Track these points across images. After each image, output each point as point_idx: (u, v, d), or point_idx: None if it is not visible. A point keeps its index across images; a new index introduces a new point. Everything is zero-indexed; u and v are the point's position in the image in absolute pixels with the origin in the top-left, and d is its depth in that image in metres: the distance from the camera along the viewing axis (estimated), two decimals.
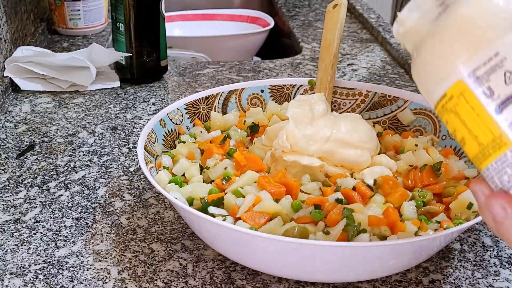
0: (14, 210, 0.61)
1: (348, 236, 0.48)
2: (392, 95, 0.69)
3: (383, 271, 0.50)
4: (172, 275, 0.52)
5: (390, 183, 0.55)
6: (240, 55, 1.32)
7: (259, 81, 0.71)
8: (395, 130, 0.68)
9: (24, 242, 0.56)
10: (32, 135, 0.77)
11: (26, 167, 0.69)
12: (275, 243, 0.45)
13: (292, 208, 0.52)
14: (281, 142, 0.57)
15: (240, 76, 0.97)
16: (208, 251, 0.55)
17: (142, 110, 0.84)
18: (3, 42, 0.91)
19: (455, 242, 0.57)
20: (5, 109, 0.84)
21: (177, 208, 0.53)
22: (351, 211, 0.49)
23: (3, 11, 0.92)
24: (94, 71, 0.89)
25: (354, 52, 1.10)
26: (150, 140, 0.59)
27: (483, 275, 0.52)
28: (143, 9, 0.88)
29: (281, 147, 0.57)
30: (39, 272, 0.52)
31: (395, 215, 0.50)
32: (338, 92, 0.71)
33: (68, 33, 1.16)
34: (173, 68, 1.00)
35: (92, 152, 0.73)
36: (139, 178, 0.67)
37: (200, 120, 0.68)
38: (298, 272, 0.49)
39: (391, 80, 0.96)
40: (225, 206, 0.52)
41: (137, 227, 0.58)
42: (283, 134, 0.57)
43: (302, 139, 0.57)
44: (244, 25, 1.44)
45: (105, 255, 0.54)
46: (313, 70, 1.00)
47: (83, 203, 0.62)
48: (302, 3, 1.45)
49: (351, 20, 1.30)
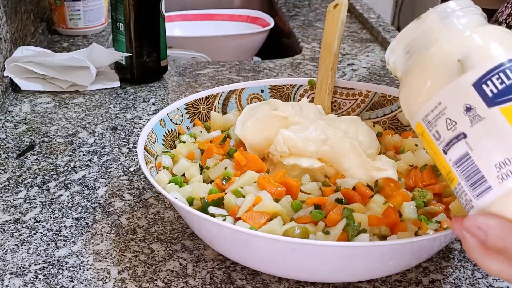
0: (14, 210, 0.61)
1: (348, 236, 0.48)
2: (392, 95, 0.69)
3: (383, 271, 0.50)
4: (172, 275, 0.52)
5: (391, 185, 0.55)
6: (240, 55, 1.32)
7: (259, 81, 0.71)
8: (395, 130, 0.68)
9: (24, 242, 0.56)
10: (32, 135, 0.77)
11: (26, 167, 0.69)
12: (275, 243, 0.45)
13: (292, 208, 0.52)
14: (279, 148, 0.57)
15: (240, 76, 0.97)
16: (208, 251, 0.55)
17: (142, 110, 0.84)
18: (3, 42, 0.91)
19: (455, 242, 0.57)
20: (5, 109, 0.84)
21: (177, 208, 0.53)
22: (351, 211, 0.49)
23: (3, 11, 0.92)
24: (94, 71, 0.90)
25: (354, 52, 1.10)
26: (150, 140, 0.59)
27: (483, 275, 0.52)
28: (143, 9, 0.88)
29: (279, 153, 0.57)
30: (39, 272, 0.52)
31: (395, 215, 0.50)
32: (338, 92, 0.71)
33: (68, 33, 1.16)
34: (173, 68, 1.01)
35: (92, 152, 0.73)
36: (139, 178, 0.67)
37: (200, 120, 0.68)
38: (298, 272, 0.49)
39: (391, 80, 0.96)
40: (225, 206, 0.52)
41: (137, 227, 0.58)
42: (279, 139, 0.57)
43: (299, 140, 0.57)
44: (244, 25, 1.44)
45: (105, 255, 0.54)
46: (313, 70, 1.00)
47: (83, 203, 0.62)
48: (302, 3, 1.45)
49: (351, 20, 1.30)
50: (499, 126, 0.35)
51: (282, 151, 0.57)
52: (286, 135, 0.57)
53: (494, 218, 0.35)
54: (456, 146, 0.37)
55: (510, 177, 0.35)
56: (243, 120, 0.63)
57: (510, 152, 0.35)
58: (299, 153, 0.57)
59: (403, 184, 0.56)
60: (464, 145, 0.37)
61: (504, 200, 0.35)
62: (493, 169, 0.35)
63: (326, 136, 0.57)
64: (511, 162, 0.35)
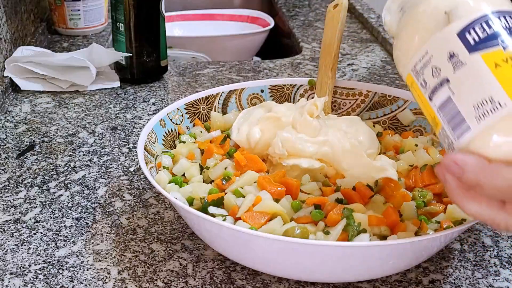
0: (14, 210, 0.61)
1: (348, 236, 0.48)
2: (392, 95, 0.69)
3: (383, 271, 0.50)
4: (172, 275, 0.52)
5: (391, 185, 0.55)
6: (240, 55, 1.32)
7: (259, 81, 0.71)
8: (395, 130, 0.68)
9: (24, 242, 0.56)
10: (32, 135, 0.77)
11: (26, 167, 0.69)
12: (275, 243, 0.45)
13: (292, 208, 0.52)
14: (278, 150, 0.57)
15: (240, 76, 0.97)
16: (208, 251, 0.55)
17: (142, 110, 0.84)
18: (3, 42, 0.91)
19: (455, 242, 0.57)
20: (5, 109, 0.84)
21: (177, 208, 0.53)
22: (351, 211, 0.49)
23: (3, 11, 0.92)
24: (94, 71, 0.90)
25: (354, 52, 1.10)
26: (150, 140, 0.59)
27: (483, 275, 0.52)
28: (143, 9, 0.88)
29: (278, 155, 0.57)
30: (39, 272, 0.52)
31: (395, 215, 0.50)
32: (338, 92, 0.71)
33: (68, 33, 1.16)
34: (173, 68, 1.01)
35: (92, 152, 0.73)
36: (139, 178, 0.67)
37: (200, 120, 0.68)
38: (298, 272, 0.49)
39: (391, 80, 0.96)
40: (225, 206, 0.52)
41: (137, 227, 0.58)
42: (278, 141, 0.57)
43: (298, 141, 0.57)
44: (244, 25, 1.44)
45: (105, 255, 0.54)
46: (313, 70, 1.00)
47: (83, 203, 0.62)
48: (302, 3, 1.45)
49: (351, 20, 1.30)
50: (479, 71, 0.38)
51: (281, 153, 0.57)
52: (284, 137, 0.57)
53: (471, 155, 0.38)
54: (440, 92, 0.40)
55: (487, 116, 0.37)
56: (238, 125, 0.63)
57: (487, 93, 0.37)
58: (298, 154, 0.57)
59: (403, 184, 0.56)
60: (447, 90, 0.40)
61: (481, 138, 0.38)
62: (472, 110, 0.38)
63: (326, 137, 0.57)
64: (488, 103, 0.37)
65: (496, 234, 0.58)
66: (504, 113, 0.37)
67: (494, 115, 0.37)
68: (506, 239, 0.57)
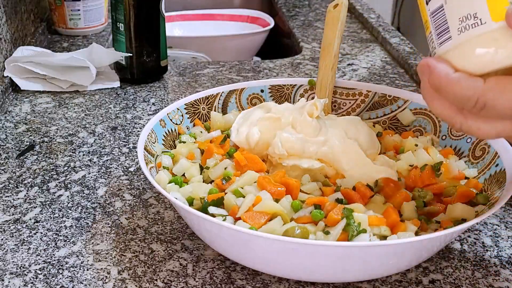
0: (14, 210, 0.61)
1: (348, 236, 0.48)
2: (392, 95, 0.69)
3: (383, 271, 0.50)
4: (172, 275, 0.52)
5: (391, 185, 0.55)
6: (240, 55, 1.32)
7: (259, 81, 0.71)
8: (395, 130, 0.68)
9: (24, 242, 0.56)
10: (32, 135, 0.77)
11: (26, 167, 0.69)
12: (275, 243, 0.45)
13: (292, 208, 0.52)
14: (277, 150, 0.57)
15: (240, 76, 0.97)
16: (208, 251, 0.55)
17: (142, 110, 0.84)
18: (3, 42, 0.91)
19: (455, 242, 0.57)
20: (5, 109, 0.84)
21: (177, 208, 0.53)
22: (351, 211, 0.49)
23: (3, 11, 0.92)
24: (94, 71, 0.90)
25: (354, 52, 1.10)
26: (150, 140, 0.59)
27: (483, 275, 0.52)
28: (143, 9, 0.88)
29: (278, 155, 0.57)
30: (39, 272, 0.52)
31: (395, 215, 0.50)
32: (338, 92, 0.71)
33: (68, 33, 1.16)
34: (173, 68, 1.01)
35: (92, 152, 0.73)
36: (139, 178, 0.67)
37: (200, 120, 0.68)
38: (298, 272, 0.49)
39: (391, 80, 0.96)
40: (225, 206, 0.52)
41: (137, 227, 0.58)
42: (277, 142, 0.57)
43: (297, 141, 0.57)
44: (244, 25, 1.44)
45: (105, 255, 0.54)
46: (313, 70, 1.00)
47: (83, 203, 0.62)
48: (302, 3, 1.45)
49: (351, 20, 1.30)
50: None
51: (281, 154, 0.57)
52: (284, 137, 0.57)
53: (443, 62, 0.41)
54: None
55: (467, 31, 0.40)
56: (237, 125, 0.63)
57: (473, 9, 0.39)
58: (298, 155, 0.57)
59: (403, 184, 0.56)
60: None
61: (457, 49, 0.40)
62: (457, 22, 0.40)
63: (326, 137, 0.57)
64: (471, 18, 0.39)
65: (496, 234, 0.58)
66: (482, 31, 0.39)
67: (473, 30, 0.39)
68: (506, 239, 0.57)
